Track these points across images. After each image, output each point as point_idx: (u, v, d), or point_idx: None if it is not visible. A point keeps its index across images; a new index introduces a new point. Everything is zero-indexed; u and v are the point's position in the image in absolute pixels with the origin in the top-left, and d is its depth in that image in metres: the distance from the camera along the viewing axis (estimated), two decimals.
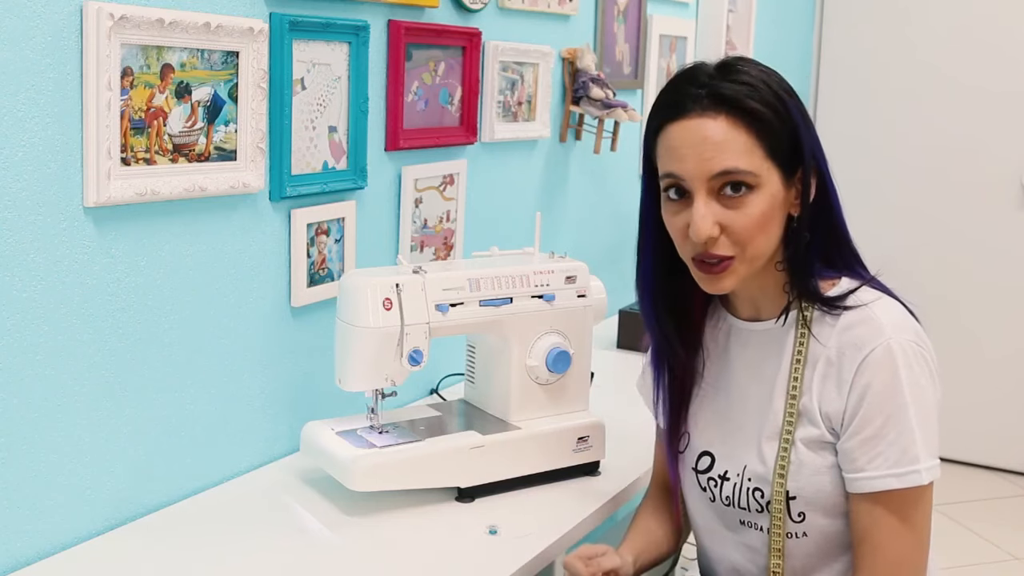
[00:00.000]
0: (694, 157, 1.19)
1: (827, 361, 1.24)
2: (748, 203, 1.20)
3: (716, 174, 1.19)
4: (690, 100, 1.20)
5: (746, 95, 1.19)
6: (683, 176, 1.21)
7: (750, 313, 1.34)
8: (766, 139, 1.19)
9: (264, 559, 1.34)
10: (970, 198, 3.73)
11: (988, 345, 3.75)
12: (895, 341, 1.20)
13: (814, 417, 1.25)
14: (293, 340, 1.68)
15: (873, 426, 1.20)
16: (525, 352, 1.60)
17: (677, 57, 2.97)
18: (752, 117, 1.19)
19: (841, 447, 1.23)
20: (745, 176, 1.19)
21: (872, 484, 1.20)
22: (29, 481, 1.30)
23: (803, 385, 1.26)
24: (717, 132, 1.18)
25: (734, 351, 1.35)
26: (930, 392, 1.21)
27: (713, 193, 1.20)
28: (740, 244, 1.21)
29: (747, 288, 1.31)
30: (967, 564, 3.12)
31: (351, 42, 1.69)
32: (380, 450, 1.48)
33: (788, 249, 1.26)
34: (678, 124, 1.21)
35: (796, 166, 1.23)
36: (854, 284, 1.27)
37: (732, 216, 1.20)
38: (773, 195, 1.21)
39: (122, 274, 1.38)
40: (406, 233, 1.90)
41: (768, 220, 1.21)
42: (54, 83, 1.26)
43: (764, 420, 1.29)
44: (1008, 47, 3.63)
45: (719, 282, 1.24)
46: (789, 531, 1.27)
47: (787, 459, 1.26)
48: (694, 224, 1.20)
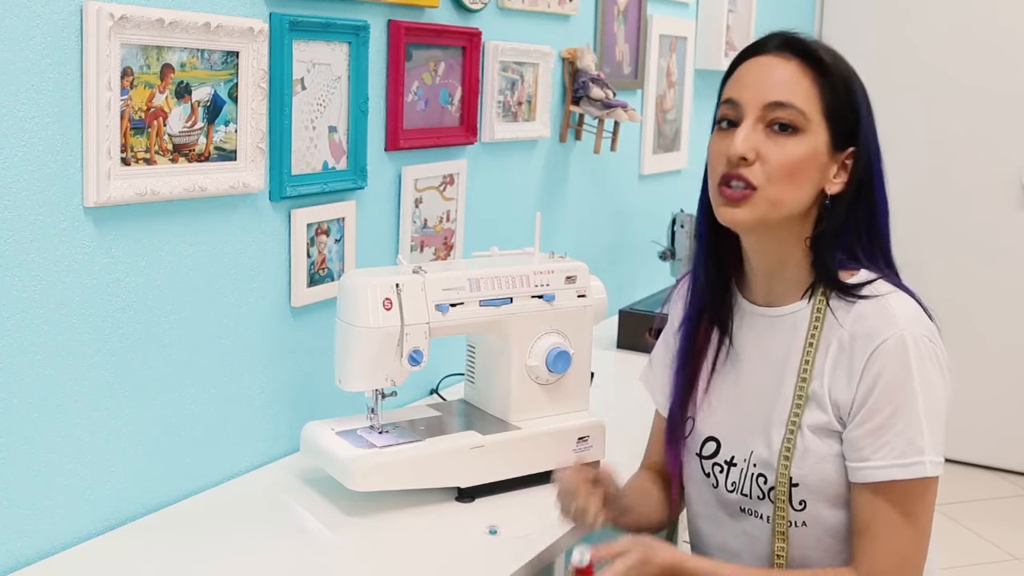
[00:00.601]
0: (755, 85, 1.26)
1: (839, 347, 1.25)
2: (791, 143, 1.24)
3: (770, 102, 1.24)
4: (769, 42, 1.29)
5: (822, 49, 1.27)
6: (739, 100, 1.26)
7: (765, 298, 1.34)
8: (827, 96, 1.25)
9: (264, 559, 1.34)
10: (970, 198, 3.74)
11: (988, 345, 3.75)
12: (908, 332, 1.21)
13: (823, 403, 1.25)
14: (293, 340, 1.68)
15: (881, 416, 1.20)
16: (525, 352, 1.60)
17: (677, 57, 2.97)
18: (822, 71, 1.25)
19: (847, 436, 1.23)
20: (796, 116, 1.23)
21: (877, 474, 1.20)
22: (29, 481, 1.30)
23: (814, 370, 1.26)
24: (785, 71, 1.25)
25: (746, 336, 1.36)
26: (940, 388, 1.22)
27: (762, 124, 1.24)
28: (769, 178, 1.23)
29: (765, 263, 1.32)
30: (967, 564, 3.12)
31: (351, 42, 1.70)
32: (380, 450, 1.48)
33: (818, 227, 1.28)
34: (752, 60, 1.29)
35: (846, 143, 1.27)
36: (872, 276, 1.28)
37: (771, 148, 1.23)
38: (815, 149, 1.24)
39: (122, 274, 1.38)
40: (406, 233, 1.90)
41: (802, 169, 1.24)
42: (54, 83, 1.26)
43: (773, 406, 1.30)
44: (1008, 47, 3.63)
45: (736, 210, 1.25)
46: (790, 519, 1.27)
47: (793, 444, 1.26)
48: (735, 140, 1.24)
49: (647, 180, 2.88)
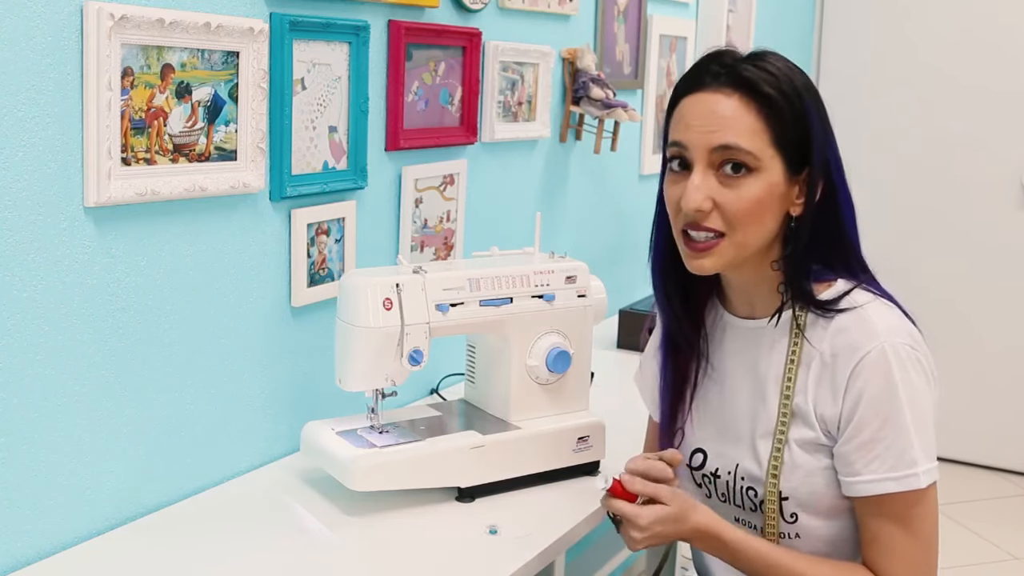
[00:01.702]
0: (700, 128, 1.21)
1: (821, 363, 1.24)
2: (745, 185, 1.20)
3: (717, 147, 1.20)
4: (709, 76, 1.23)
5: (764, 80, 1.20)
6: (686, 144, 1.22)
7: (745, 310, 1.34)
8: (775, 127, 1.20)
9: (264, 559, 1.34)
10: (970, 197, 3.74)
11: (988, 345, 3.75)
12: (889, 344, 1.20)
13: (809, 419, 1.24)
14: (293, 340, 1.68)
15: (869, 430, 1.19)
16: (525, 352, 1.60)
17: (677, 57, 2.97)
18: (765, 102, 1.20)
19: (837, 451, 1.23)
20: (745, 156, 1.19)
21: (870, 488, 1.20)
22: (29, 481, 1.30)
23: (796, 386, 1.25)
24: (727, 108, 1.20)
25: (729, 347, 1.36)
26: (926, 395, 1.21)
27: (713, 168, 1.21)
28: (730, 224, 1.21)
29: (741, 282, 1.31)
30: (967, 564, 3.12)
31: (351, 42, 1.69)
32: (380, 450, 1.48)
33: (786, 249, 1.26)
34: (693, 97, 1.23)
35: (803, 164, 1.23)
36: (849, 286, 1.26)
37: (727, 195, 1.20)
38: (772, 184, 1.21)
39: (122, 274, 1.38)
40: (406, 233, 1.90)
41: (763, 208, 1.21)
42: (54, 83, 1.26)
43: (757, 419, 1.29)
44: (1008, 46, 3.63)
45: (702, 260, 1.23)
46: (782, 531, 1.27)
47: (780, 459, 1.25)
48: (687, 193, 1.21)
49: (647, 180, 2.88)
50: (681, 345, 1.38)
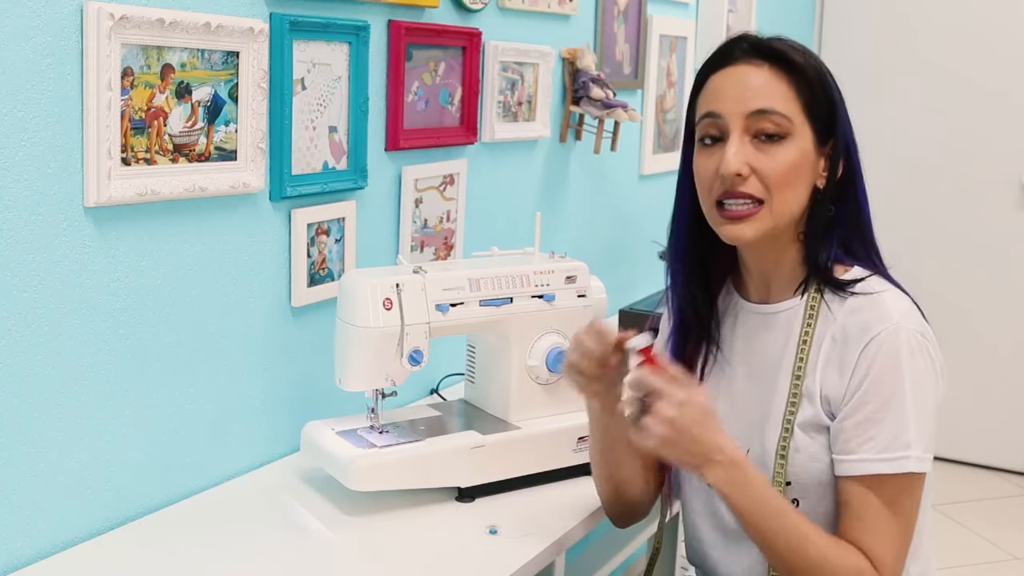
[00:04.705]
0: (734, 96, 1.25)
1: (832, 341, 1.25)
2: (781, 151, 1.23)
3: (753, 111, 1.23)
4: (737, 51, 1.27)
5: (791, 49, 1.26)
6: (721, 113, 1.25)
7: (760, 294, 1.35)
8: (804, 95, 1.25)
9: (264, 559, 1.34)
10: (970, 198, 3.74)
11: (988, 345, 3.75)
12: (903, 327, 1.21)
13: (813, 398, 1.25)
14: (293, 340, 1.68)
15: (870, 407, 1.20)
16: (525, 352, 1.60)
17: (677, 57, 2.97)
18: (794, 71, 1.25)
19: (835, 427, 1.23)
20: (780, 120, 1.23)
21: (862, 467, 1.20)
22: (29, 481, 1.30)
23: (807, 367, 1.26)
24: (759, 78, 1.25)
25: (740, 333, 1.36)
26: (931, 385, 1.22)
27: (748, 135, 1.24)
28: (768, 189, 1.23)
29: (762, 263, 1.32)
30: (967, 564, 3.12)
31: (351, 42, 1.70)
32: (380, 450, 1.48)
33: (811, 220, 1.29)
34: (724, 72, 1.27)
35: (828, 136, 1.27)
36: (867, 273, 1.28)
37: (763, 160, 1.23)
38: (804, 150, 1.25)
39: (122, 274, 1.38)
40: (406, 233, 1.90)
41: (797, 174, 1.24)
42: (54, 83, 1.26)
43: (769, 405, 1.30)
44: (1008, 46, 3.63)
45: (742, 227, 1.24)
46: None
47: (788, 441, 1.26)
48: (726, 159, 1.23)
49: (647, 180, 2.88)
50: (693, 331, 1.38)
